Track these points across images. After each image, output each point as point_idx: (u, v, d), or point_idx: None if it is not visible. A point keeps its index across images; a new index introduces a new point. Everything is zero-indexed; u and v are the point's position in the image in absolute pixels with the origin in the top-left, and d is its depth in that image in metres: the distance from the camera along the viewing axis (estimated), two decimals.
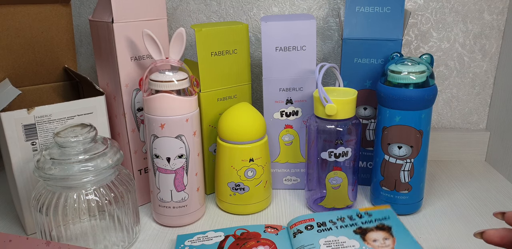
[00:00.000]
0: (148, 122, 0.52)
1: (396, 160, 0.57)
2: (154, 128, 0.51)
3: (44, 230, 0.48)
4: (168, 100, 0.50)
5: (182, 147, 0.52)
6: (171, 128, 0.51)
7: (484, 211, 0.61)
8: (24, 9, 0.60)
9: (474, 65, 0.74)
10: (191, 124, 0.52)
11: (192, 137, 0.53)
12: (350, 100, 0.54)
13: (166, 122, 0.51)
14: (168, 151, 0.52)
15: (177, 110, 0.51)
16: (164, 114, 0.51)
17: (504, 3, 0.70)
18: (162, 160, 0.52)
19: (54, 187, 0.47)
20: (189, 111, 0.52)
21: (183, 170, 0.53)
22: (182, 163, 0.52)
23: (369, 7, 0.61)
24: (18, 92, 0.51)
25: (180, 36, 0.51)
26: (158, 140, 0.51)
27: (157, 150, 0.52)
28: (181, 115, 0.51)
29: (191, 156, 0.53)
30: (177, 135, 0.51)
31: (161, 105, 0.50)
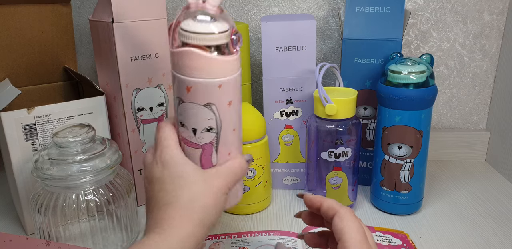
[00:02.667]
0: (173, 80, 0.41)
1: (396, 160, 0.57)
2: (180, 89, 0.40)
3: (43, 230, 0.48)
4: (194, 57, 0.39)
5: (211, 118, 0.40)
6: (199, 94, 0.40)
7: (484, 211, 0.61)
8: (24, 9, 0.60)
9: (474, 65, 0.74)
10: (226, 92, 0.40)
11: (226, 107, 0.41)
12: (350, 100, 0.54)
13: (193, 84, 0.39)
14: (194, 121, 0.41)
15: (206, 71, 0.39)
16: (190, 74, 0.39)
17: (504, 3, 0.70)
18: (188, 131, 0.41)
19: (52, 187, 0.47)
20: (222, 75, 0.39)
21: (211, 147, 0.41)
22: (211, 138, 0.41)
23: (369, 7, 0.61)
24: (18, 92, 0.51)
25: None
26: (184, 105, 0.40)
27: (182, 116, 0.41)
28: (211, 78, 0.39)
29: (223, 131, 0.41)
30: (206, 103, 0.40)
31: (186, 63, 0.39)
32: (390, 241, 0.52)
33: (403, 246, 0.51)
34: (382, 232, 0.54)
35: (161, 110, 0.61)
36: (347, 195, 0.59)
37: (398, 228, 0.56)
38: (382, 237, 0.52)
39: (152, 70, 0.59)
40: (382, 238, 0.52)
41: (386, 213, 0.60)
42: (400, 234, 0.53)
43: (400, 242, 0.52)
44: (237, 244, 0.52)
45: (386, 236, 0.53)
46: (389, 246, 0.51)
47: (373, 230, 0.54)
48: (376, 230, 0.54)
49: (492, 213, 0.60)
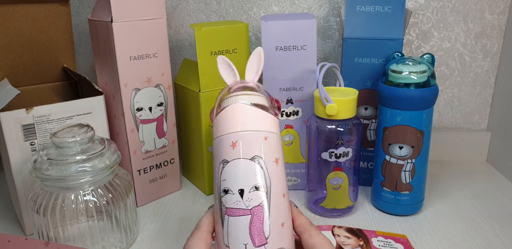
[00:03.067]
0: (215, 149, 0.38)
1: (397, 161, 0.56)
2: (223, 150, 0.37)
3: (42, 231, 0.48)
4: (241, 110, 0.38)
5: (259, 174, 0.36)
6: (244, 147, 0.37)
7: (486, 211, 0.60)
8: (23, 8, 0.60)
9: (475, 65, 0.73)
10: (271, 146, 0.37)
11: (273, 164, 0.37)
12: (350, 100, 0.54)
13: (238, 138, 0.37)
14: (241, 180, 0.36)
15: (251, 123, 0.37)
16: (235, 129, 0.37)
17: (505, 3, 0.70)
18: (233, 196, 0.35)
19: (51, 188, 0.47)
20: (267, 129, 0.38)
21: (262, 212, 0.35)
22: (261, 199, 0.35)
23: (370, 7, 0.60)
24: (17, 92, 0.51)
25: (258, 56, 0.41)
26: (228, 166, 0.36)
27: (227, 181, 0.36)
28: (257, 130, 0.37)
29: (273, 193, 0.36)
30: (253, 157, 0.36)
31: (231, 118, 0.38)
32: (392, 246, 0.52)
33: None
34: (384, 237, 0.53)
35: (160, 110, 0.61)
36: (347, 195, 0.59)
37: (399, 229, 0.56)
38: (384, 242, 0.52)
39: (151, 70, 0.58)
40: (383, 243, 0.52)
41: (387, 213, 0.60)
42: (402, 239, 0.53)
43: (402, 247, 0.52)
44: None
45: (388, 241, 0.53)
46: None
47: (375, 235, 0.54)
48: (378, 235, 0.54)
49: (494, 214, 0.60)
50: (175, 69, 0.76)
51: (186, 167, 0.71)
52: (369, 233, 0.54)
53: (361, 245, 0.52)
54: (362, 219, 0.59)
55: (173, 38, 0.75)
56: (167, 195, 0.66)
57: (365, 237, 0.53)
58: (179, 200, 0.64)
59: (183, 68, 0.66)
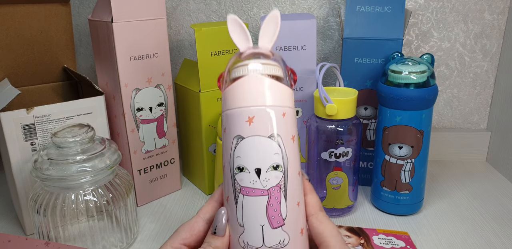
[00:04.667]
0: (226, 122, 0.35)
1: (396, 160, 0.57)
2: (238, 126, 0.34)
3: (42, 231, 0.48)
4: (258, 82, 0.34)
5: (277, 153, 0.34)
6: (262, 124, 0.34)
7: (485, 211, 0.60)
8: (24, 8, 0.60)
9: (475, 65, 0.73)
10: (289, 123, 0.35)
11: (290, 142, 0.35)
12: (350, 100, 0.54)
13: (255, 113, 0.34)
14: (258, 159, 0.34)
15: (270, 97, 0.35)
16: (252, 103, 0.34)
17: (505, 3, 0.70)
18: (249, 175, 0.34)
19: (51, 188, 0.47)
20: (285, 104, 0.35)
21: (279, 192, 0.34)
22: (279, 179, 0.34)
23: (370, 7, 0.60)
24: (17, 92, 0.51)
25: (274, 20, 0.37)
26: (244, 143, 0.34)
27: (241, 158, 0.34)
28: (276, 105, 0.34)
29: (290, 172, 0.34)
30: (271, 134, 0.34)
31: (248, 91, 0.35)
32: (393, 243, 0.52)
33: (406, 248, 0.51)
34: (385, 235, 0.53)
35: (160, 110, 0.61)
36: (347, 195, 0.59)
37: (399, 229, 0.56)
38: (385, 240, 0.52)
39: (151, 70, 0.58)
40: (385, 240, 0.52)
41: (386, 213, 0.60)
42: (403, 236, 0.53)
43: (403, 244, 0.52)
44: None
45: (389, 238, 0.53)
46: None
47: (376, 233, 0.54)
48: (379, 233, 0.54)
49: (493, 214, 0.60)
50: (175, 69, 0.76)
51: (186, 167, 0.71)
52: (370, 231, 0.54)
53: (362, 243, 0.52)
54: (362, 219, 0.59)
55: (173, 38, 0.76)
56: (167, 195, 0.66)
57: (366, 236, 0.53)
58: (179, 200, 0.65)
59: (183, 68, 0.66)
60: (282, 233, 0.33)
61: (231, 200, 0.34)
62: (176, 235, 0.34)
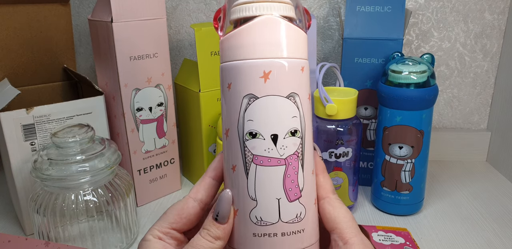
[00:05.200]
0: (230, 76, 0.29)
1: (397, 161, 0.57)
2: (251, 81, 0.28)
3: (42, 231, 0.48)
4: (275, 27, 0.28)
5: (296, 116, 0.29)
6: (280, 80, 0.28)
7: (485, 211, 0.60)
8: (23, 8, 0.60)
9: (475, 65, 0.73)
10: (306, 79, 0.30)
11: (307, 102, 0.30)
12: (350, 100, 0.54)
13: (273, 68, 0.28)
14: (275, 123, 0.28)
15: (290, 48, 0.28)
16: (267, 54, 0.28)
17: (505, 3, 0.70)
18: (263, 142, 0.28)
19: (51, 188, 0.47)
20: (304, 55, 0.29)
21: (297, 161, 0.29)
22: (296, 146, 0.29)
23: (370, 7, 0.60)
24: (17, 92, 0.51)
25: None
26: (258, 103, 0.28)
27: (255, 122, 0.28)
28: (295, 57, 0.28)
29: (307, 137, 0.30)
30: (289, 94, 0.28)
31: (262, 38, 0.28)
32: (393, 240, 0.52)
33: (406, 245, 0.51)
34: (384, 231, 0.53)
35: (160, 110, 0.61)
36: (347, 195, 0.59)
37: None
38: (385, 237, 0.52)
39: (151, 70, 0.58)
40: (384, 237, 0.52)
41: (387, 213, 0.60)
42: (403, 232, 0.53)
43: (403, 240, 0.51)
44: None
45: (388, 235, 0.53)
46: (391, 245, 0.51)
47: (375, 230, 0.54)
48: (378, 230, 0.54)
49: (493, 214, 0.60)
50: (175, 69, 0.76)
51: (186, 167, 0.71)
52: (369, 228, 0.54)
53: None
54: (362, 219, 0.59)
55: (173, 38, 0.75)
56: (167, 195, 0.66)
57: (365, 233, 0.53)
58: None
59: (183, 68, 0.66)
60: (299, 206, 0.29)
61: (240, 170, 0.29)
62: (164, 219, 0.31)
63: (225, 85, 0.29)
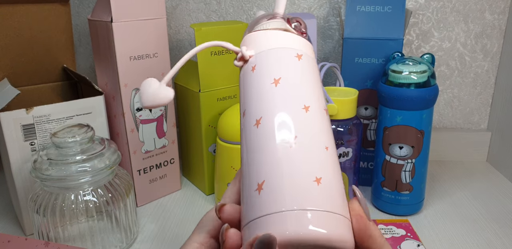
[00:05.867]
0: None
1: (397, 161, 0.56)
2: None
3: (42, 231, 0.48)
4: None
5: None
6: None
7: (486, 211, 0.60)
8: (23, 8, 0.60)
9: (475, 65, 0.73)
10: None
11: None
12: (351, 100, 0.54)
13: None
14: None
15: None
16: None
17: (505, 3, 0.69)
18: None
19: (51, 188, 0.47)
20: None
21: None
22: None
23: (370, 7, 0.60)
24: (17, 92, 0.51)
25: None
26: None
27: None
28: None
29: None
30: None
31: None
32: (393, 232, 0.51)
33: (407, 236, 0.51)
34: (384, 224, 0.53)
35: (160, 110, 0.61)
36: (348, 195, 0.58)
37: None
38: (385, 230, 0.52)
39: (151, 70, 0.58)
40: (384, 230, 0.52)
41: (387, 213, 0.60)
42: (403, 223, 0.53)
43: (404, 232, 0.51)
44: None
45: (389, 228, 0.52)
46: (392, 238, 0.50)
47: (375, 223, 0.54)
48: (378, 223, 0.54)
49: (494, 214, 0.60)
50: None
51: (186, 167, 0.71)
52: None
53: None
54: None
55: (173, 38, 0.75)
56: (167, 195, 0.66)
57: None
58: (179, 200, 0.64)
59: (183, 68, 0.66)
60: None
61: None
62: (201, 228, 0.28)
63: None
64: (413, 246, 0.50)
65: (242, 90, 0.31)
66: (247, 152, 0.28)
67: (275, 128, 0.27)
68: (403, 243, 0.50)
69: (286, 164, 0.26)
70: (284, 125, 0.27)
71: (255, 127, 0.28)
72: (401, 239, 0.50)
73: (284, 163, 0.26)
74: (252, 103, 0.29)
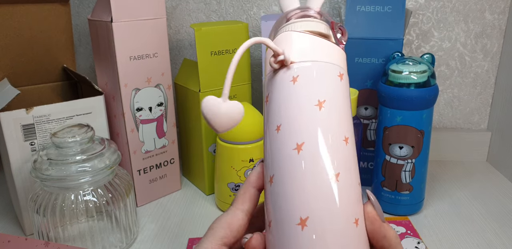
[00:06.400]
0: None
1: (397, 161, 0.56)
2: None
3: (42, 231, 0.48)
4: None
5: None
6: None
7: (486, 211, 0.60)
8: (23, 8, 0.60)
9: (475, 65, 0.73)
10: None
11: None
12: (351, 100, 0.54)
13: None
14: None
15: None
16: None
17: (505, 3, 0.69)
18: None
19: (51, 188, 0.47)
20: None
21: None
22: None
23: (370, 6, 0.60)
24: (17, 92, 0.51)
25: None
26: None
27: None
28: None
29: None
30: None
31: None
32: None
33: (407, 234, 0.51)
34: None
35: (160, 110, 0.61)
36: None
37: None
38: None
39: (151, 70, 0.58)
40: None
41: (387, 213, 0.60)
42: (403, 221, 0.53)
43: (404, 229, 0.51)
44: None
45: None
46: None
47: None
48: None
49: (494, 214, 0.60)
50: (175, 69, 0.76)
51: (186, 167, 0.71)
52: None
53: None
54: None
55: (173, 38, 0.75)
56: (167, 195, 0.66)
57: None
58: (179, 200, 0.64)
59: (183, 68, 0.66)
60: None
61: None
62: (213, 234, 0.28)
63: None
64: (414, 244, 0.50)
65: (276, 98, 0.28)
66: (283, 176, 0.26)
67: (320, 160, 0.26)
68: (403, 240, 0.50)
69: (331, 203, 0.25)
70: (328, 159, 0.26)
71: (295, 152, 0.26)
72: (402, 237, 0.50)
73: (329, 201, 0.25)
74: (291, 121, 0.27)
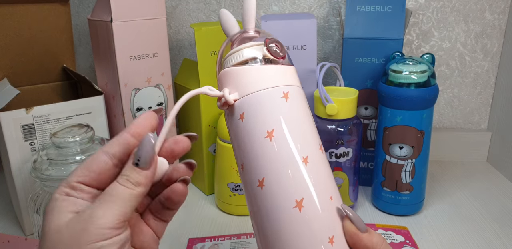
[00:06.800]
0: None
1: (397, 161, 0.56)
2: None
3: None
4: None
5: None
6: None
7: (486, 211, 0.60)
8: (23, 8, 0.60)
9: (475, 65, 0.73)
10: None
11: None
12: (351, 100, 0.54)
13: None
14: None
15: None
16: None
17: (505, 3, 0.69)
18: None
19: (51, 188, 0.47)
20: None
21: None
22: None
23: (370, 6, 0.60)
24: (17, 92, 0.51)
25: (248, 1, 0.37)
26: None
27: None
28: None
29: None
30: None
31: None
32: (393, 238, 0.51)
33: (405, 243, 0.51)
34: (384, 229, 0.53)
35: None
36: (348, 195, 0.58)
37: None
38: (384, 235, 0.52)
39: (151, 70, 0.58)
40: (384, 235, 0.52)
41: (387, 213, 0.60)
42: (402, 230, 0.53)
43: (402, 238, 0.51)
44: (236, 245, 0.52)
45: (388, 233, 0.52)
46: (391, 244, 0.51)
47: (375, 228, 0.54)
48: (378, 228, 0.54)
49: (494, 214, 0.60)
50: (175, 69, 0.76)
51: None
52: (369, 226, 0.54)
53: None
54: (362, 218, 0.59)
55: (173, 38, 0.75)
56: None
57: None
58: None
59: (183, 68, 0.66)
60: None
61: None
62: (72, 173, 0.28)
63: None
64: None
65: (233, 138, 0.31)
66: (255, 212, 0.29)
67: (279, 192, 0.28)
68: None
69: (299, 229, 0.27)
70: (287, 188, 0.28)
71: (259, 189, 0.28)
72: (400, 246, 0.51)
73: (297, 227, 0.27)
74: (249, 158, 0.29)
